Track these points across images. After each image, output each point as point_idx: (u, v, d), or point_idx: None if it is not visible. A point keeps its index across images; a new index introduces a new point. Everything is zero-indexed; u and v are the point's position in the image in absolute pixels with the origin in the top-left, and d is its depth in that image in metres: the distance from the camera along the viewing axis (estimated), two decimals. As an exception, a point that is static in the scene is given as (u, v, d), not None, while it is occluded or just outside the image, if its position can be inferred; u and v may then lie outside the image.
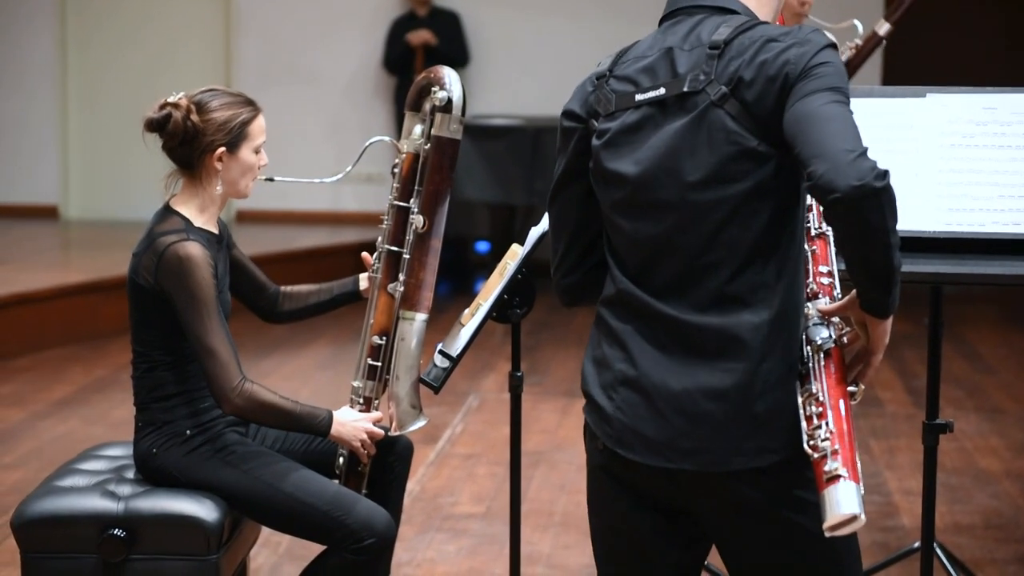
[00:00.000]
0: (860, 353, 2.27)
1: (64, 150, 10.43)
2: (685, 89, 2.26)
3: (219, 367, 3.18)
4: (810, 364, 2.24)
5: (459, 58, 9.65)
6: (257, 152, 3.33)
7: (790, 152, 2.17)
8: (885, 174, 2.07)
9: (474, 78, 9.85)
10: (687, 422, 2.24)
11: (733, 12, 2.35)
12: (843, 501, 2.10)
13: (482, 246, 9.97)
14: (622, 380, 2.31)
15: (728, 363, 2.23)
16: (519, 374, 3.57)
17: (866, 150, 2.10)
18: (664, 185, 2.27)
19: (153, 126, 3.26)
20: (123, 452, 3.52)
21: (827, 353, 2.24)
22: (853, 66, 4.43)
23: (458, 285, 9.52)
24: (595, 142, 2.36)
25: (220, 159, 3.27)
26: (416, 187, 3.44)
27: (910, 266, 3.17)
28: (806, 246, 2.36)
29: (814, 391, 2.21)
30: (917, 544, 3.92)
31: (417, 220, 3.42)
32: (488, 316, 3.45)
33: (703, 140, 2.24)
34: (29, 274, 7.97)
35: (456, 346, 3.41)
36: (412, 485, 5.15)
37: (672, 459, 2.26)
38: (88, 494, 3.27)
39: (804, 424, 2.20)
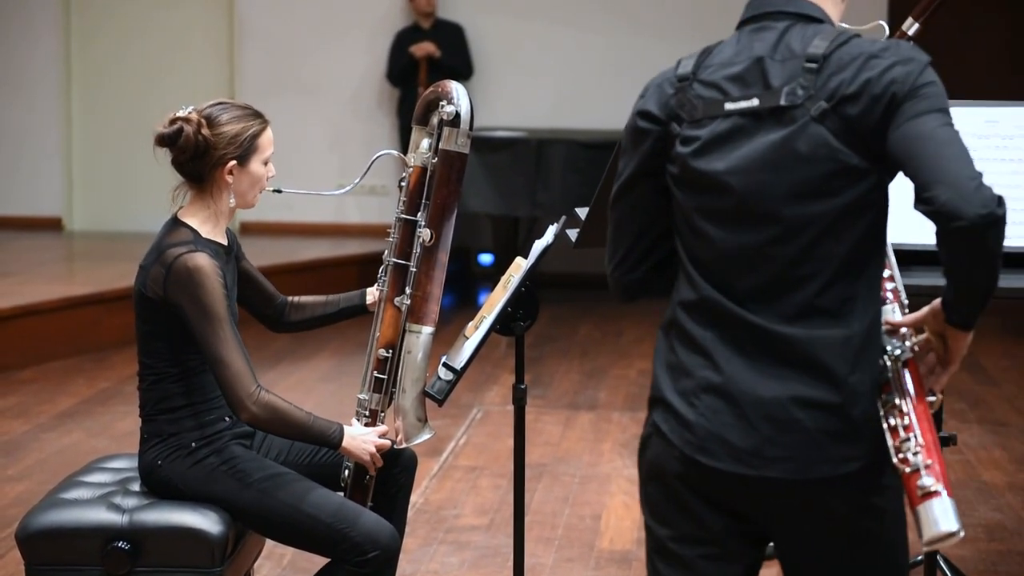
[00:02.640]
0: (934, 362, 2.29)
1: (68, 162, 10.45)
2: (782, 103, 2.26)
3: (234, 376, 3.18)
4: (888, 374, 2.26)
5: (462, 70, 9.66)
6: (266, 164, 3.34)
7: (900, 172, 2.20)
8: (1002, 201, 2.12)
9: (477, 90, 9.85)
10: (775, 429, 2.24)
11: (818, 20, 2.34)
12: (942, 518, 2.12)
13: (485, 258, 9.98)
14: (705, 386, 2.29)
15: (818, 374, 2.23)
16: (522, 386, 3.57)
17: (983, 176, 2.13)
18: (761, 197, 2.26)
19: (164, 141, 3.27)
20: (127, 464, 3.53)
21: (904, 363, 2.27)
22: None
23: (461, 297, 9.53)
24: (681, 148, 2.34)
25: (231, 172, 3.28)
26: (423, 200, 3.45)
27: (912, 279, 3.18)
28: None
29: (897, 402, 2.23)
30: (920, 557, 3.93)
31: (424, 233, 3.43)
32: (492, 329, 3.46)
33: (803, 155, 2.24)
34: (33, 286, 7.98)
35: (460, 359, 3.42)
36: (416, 497, 5.15)
37: (757, 467, 2.26)
38: (92, 506, 3.28)
39: (890, 437, 2.22)
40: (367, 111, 10.19)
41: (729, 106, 2.30)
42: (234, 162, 3.28)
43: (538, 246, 3.48)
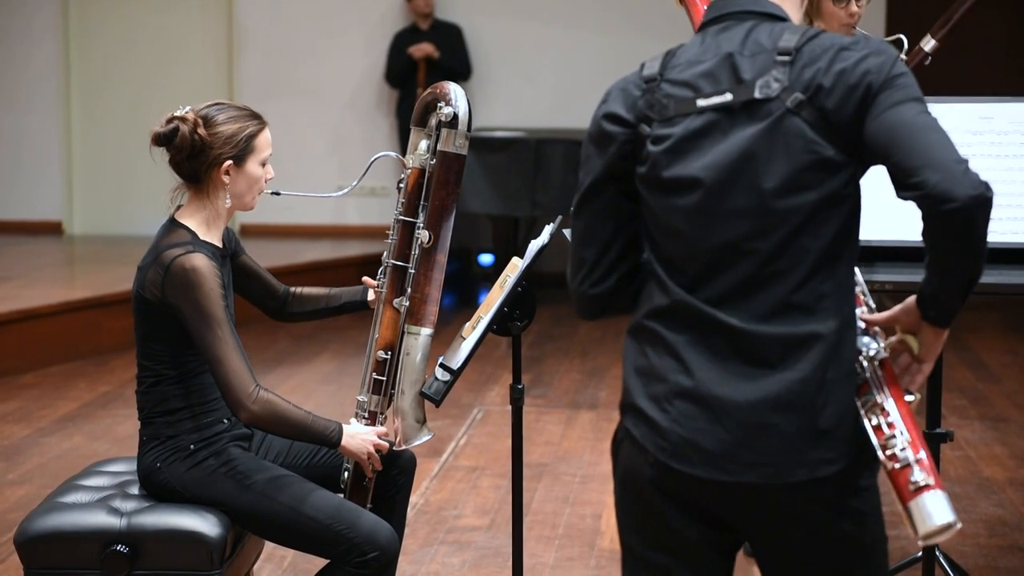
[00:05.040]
0: (907, 362, 2.27)
1: (68, 166, 10.45)
2: (756, 96, 2.24)
3: (233, 375, 3.18)
4: (866, 374, 2.24)
5: (461, 71, 9.67)
6: (263, 165, 3.35)
7: (879, 162, 2.18)
8: (990, 185, 2.12)
9: (476, 91, 9.86)
10: (750, 434, 2.21)
11: (782, 19, 2.33)
12: (937, 511, 2.12)
13: (485, 258, 9.98)
14: (678, 391, 2.26)
15: (793, 373, 2.20)
16: (520, 386, 3.58)
17: (969, 161, 2.13)
18: (738, 192, 2.24)
19: (160, 140, 3.28)
20: (126, 468, 3.53)
21: (881, 363, 2.25)
22: None
23: (461, 297, 9.53)
24: (652, 148, 2.30)
25: (227, 172, 3.29)
26: (422, 202, 3.45)
27: (910, 275, 3.18)
28: None
29: (878, 400, 2.21)
30: (919, 553, 3.93)
31: (423, 235, 3.43)
32: (489, 329, 3.46)
33: (780, 148, 2.22)
34: (33, 290, 7.99)
35: (457, 359, 3.42)
36: (416, 498, 5.15)
37: (733, 472, 2.22)
38: (91, 510, 3.28)
39: (873, 436, 2.20)
40: (366, 112, 10.19)
41: (702, 102, 2.28)
42: (230, 162, 3.28)
43: (534, 246, 3.48)
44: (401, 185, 3.50)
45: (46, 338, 7.42)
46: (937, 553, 3.93)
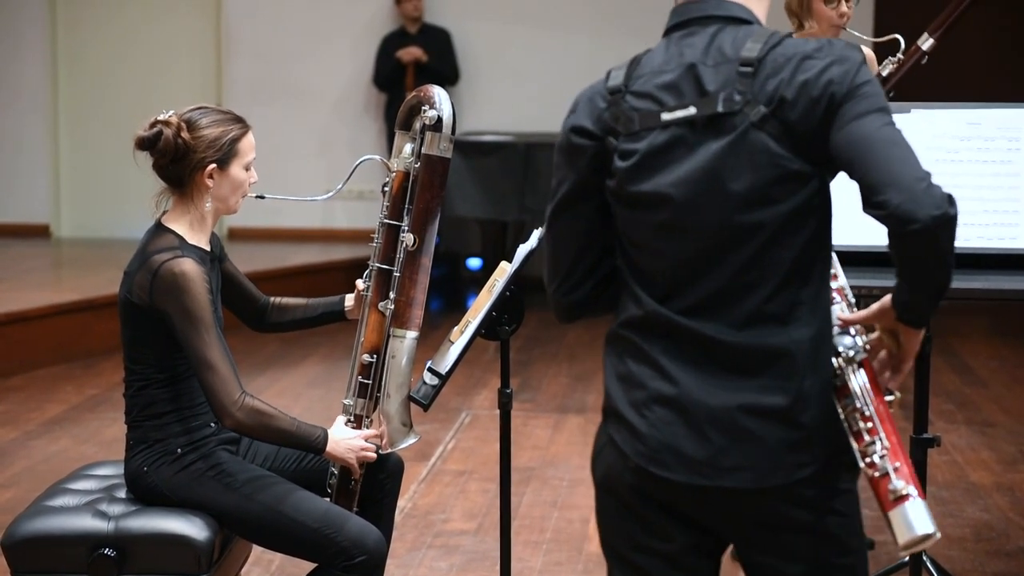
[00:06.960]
0: (887, 359, 2.26)
1: (55, 169, 10.44)
2: (719, 110, 2.22)
3: (219, 381, 3.18)
4: (845, 376, 2.23)
5: (449, 75, 9.68)
6: (247, 169, 3.34)
7: (848, 175, 2.17)
8: (953, 199, 2.10)
9: (464, 95, 9.86)
10: (728, 440, 2.22)
11: (746, 22, 2.31)
12: (918, 521, 2.11)
13: (474, 262, 9.98)
14: (656, 397, 2.27)
15: (770, 381, 2.21)
16: (508, 391, 3.58)
17: (931, 175, 2.11)
18: (706, 208, 2.23)
19: (144, 144, 3.27)
20: (114, 471, 3.53)
21: (859, 364, 2.24)
22: (896, 80, 4.44)
23: (450, 302, 9.53)
24: (620, 163, 2.30)
25: (211, 176, 3.28)
26: (406, 205, 3.46)
27: (884, 280, 3.18)
28: None
29: (858, 406, 2.20)
30: (905, 558, 3.93)
31: (407, 238, 3.44)
32: (477, 333, 3.46)
33: (745, 163, 2.20)
34: (21, 293, 7.97)
35: (445, 363, 3.42)
36: (404, 502, 5.15)
37: (712, 477, 2.23)
38: (78, 514, 3.28)
39: (854, 442, 2.19)
40: (354, 116, 10.19)
41: (666, 116, 2.26)
42: (214, 166, 3.28)
43: (522, 250, 3.48)
44: (386, 189, 3.50)
45: (34, 341, 7.41)
46: (924, 558, 3.94)
